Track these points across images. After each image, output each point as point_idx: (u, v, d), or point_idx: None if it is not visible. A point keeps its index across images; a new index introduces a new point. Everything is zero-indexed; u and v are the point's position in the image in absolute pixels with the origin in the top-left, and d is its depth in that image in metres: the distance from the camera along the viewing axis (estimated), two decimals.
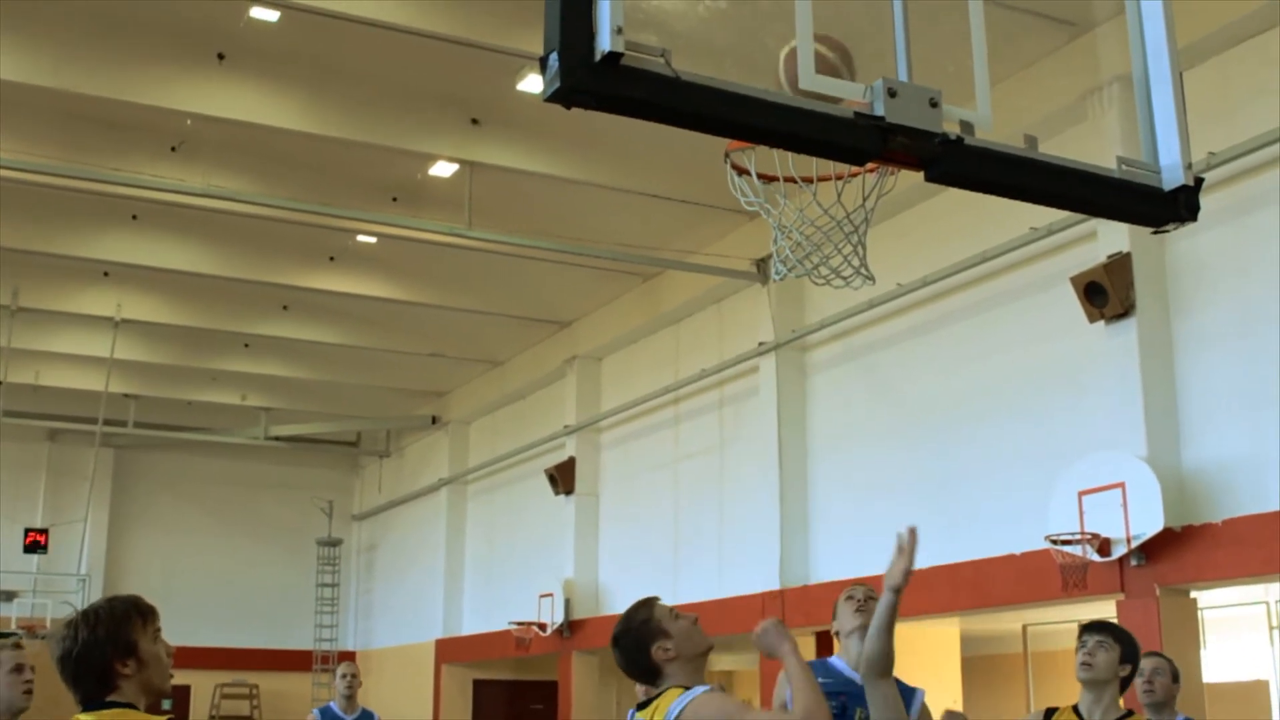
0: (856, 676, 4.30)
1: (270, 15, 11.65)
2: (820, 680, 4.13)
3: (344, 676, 9.76)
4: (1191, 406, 10.32)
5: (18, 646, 4.66)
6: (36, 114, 12.86)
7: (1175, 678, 6.22)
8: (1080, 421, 11.20)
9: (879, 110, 2.82)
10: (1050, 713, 4.37)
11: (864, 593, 4.53)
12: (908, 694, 4.38)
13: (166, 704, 25.30)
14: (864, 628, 4.32)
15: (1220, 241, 10.17)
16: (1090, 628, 5.07)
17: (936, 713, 4.75)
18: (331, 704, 9.84)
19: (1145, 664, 6.93)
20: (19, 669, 4.57)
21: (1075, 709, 4.82)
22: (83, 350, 19.80)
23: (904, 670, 7.99)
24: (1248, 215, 10.06)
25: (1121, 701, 4.95)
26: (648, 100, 2.60)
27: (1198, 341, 10.37)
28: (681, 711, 3.51)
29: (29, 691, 4.56)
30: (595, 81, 2.52)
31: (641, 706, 4.05)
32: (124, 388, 21.68)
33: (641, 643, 3.72)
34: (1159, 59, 3.33)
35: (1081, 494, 10.30)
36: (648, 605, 3.80)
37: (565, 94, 2.54)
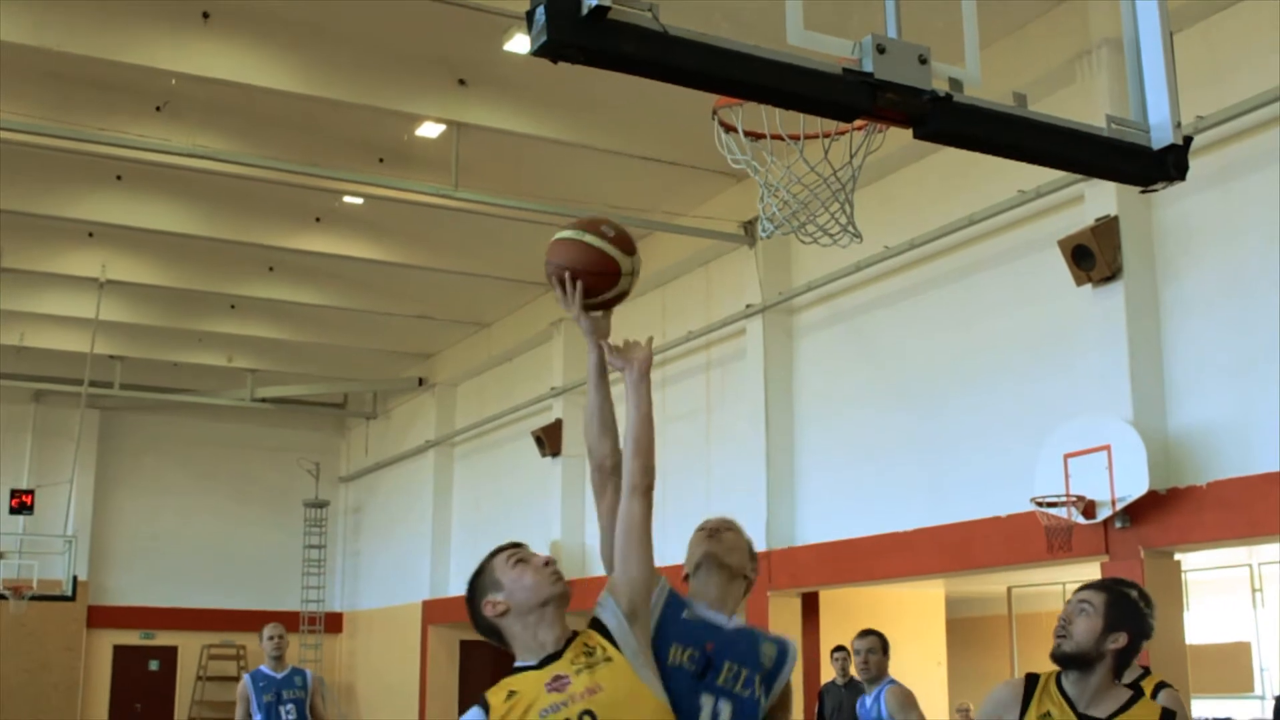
0: (722, 620, 3.66)
1: None
2: (685, 618, 3.62)
3: (271, 638, 9.95)
4: (1177, 370, 10.34)
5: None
6: (20, 73, 12.72)
7: (885, 650, 7.56)
8: (1066, 384, 11.22)
9: (868, 66, 2.80)
10: (1032, 679, 3.93)
11: (717, 521, 3.91)
12: (782, 647, 3.74)
13: (154, 664, 25.47)
14: (711, 555, 3.79)
15: (1208, 205, 10.16)
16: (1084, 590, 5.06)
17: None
18: (262, 667, 9.98)
19: (859, 644, 7.61)
20: None
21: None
22: (68, 311, 19.71)
23: (888, 632, 8.05)
24: (1235, 179, 10.04)
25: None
26: (635, 55, 2.58)
27: (1184, 305, 10.38)
28: None
29: None
30: (582, 35, 2.50)
31: None
32: (109, 349, 21.60)
33: (474, 601, 3.18)
34: (1149, 19, 3.31)
35: (1067, 456, 10.32)
36: (489, 555, 3.23)
37: (552, 48, 2.52)
